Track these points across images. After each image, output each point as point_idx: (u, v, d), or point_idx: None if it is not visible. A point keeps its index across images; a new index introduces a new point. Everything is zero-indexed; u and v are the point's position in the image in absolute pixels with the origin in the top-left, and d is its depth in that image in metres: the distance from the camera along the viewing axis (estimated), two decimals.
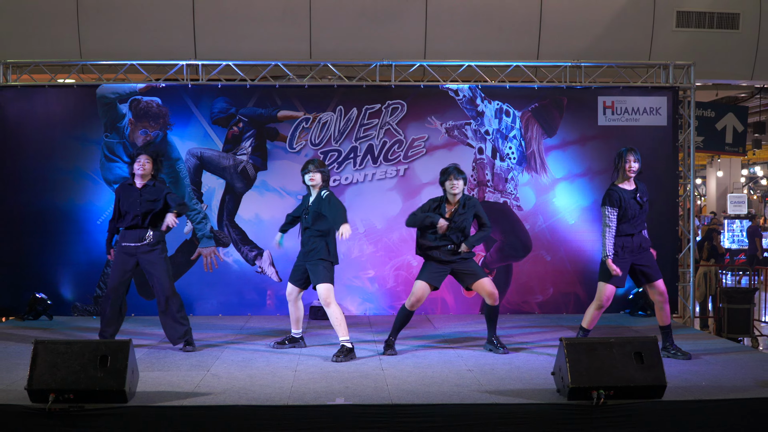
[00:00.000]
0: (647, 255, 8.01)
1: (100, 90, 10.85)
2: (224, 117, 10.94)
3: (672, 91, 11.15)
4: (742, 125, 14.00)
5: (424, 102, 11.05)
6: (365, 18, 11.75)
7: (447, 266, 8.20)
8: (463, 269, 8.21)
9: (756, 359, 8.12)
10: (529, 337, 9.27)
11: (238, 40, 11.64)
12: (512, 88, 11.11)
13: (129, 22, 11.54)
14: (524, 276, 11.12)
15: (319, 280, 8.05)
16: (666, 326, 8.05)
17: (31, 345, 6.24)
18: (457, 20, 11.81)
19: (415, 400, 6.36)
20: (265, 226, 10.92)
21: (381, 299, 11.06)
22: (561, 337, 6.46)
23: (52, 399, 6.00)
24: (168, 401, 6.31)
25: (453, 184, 8.09)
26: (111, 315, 8.42)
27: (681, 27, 12.14)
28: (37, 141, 10.80)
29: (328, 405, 6.26)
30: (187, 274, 10.91)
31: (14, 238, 10.74)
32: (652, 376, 6.28)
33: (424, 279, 8.18)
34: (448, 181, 8.12)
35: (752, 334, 11.65)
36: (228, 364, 7.77)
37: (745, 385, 6.86)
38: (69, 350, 6.20)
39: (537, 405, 6.27)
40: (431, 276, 8.19)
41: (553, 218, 11.16)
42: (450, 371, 7.45)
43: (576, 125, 11.15)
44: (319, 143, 10.97)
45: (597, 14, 11.97)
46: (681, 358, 7.85)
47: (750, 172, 31.82)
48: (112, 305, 8.38)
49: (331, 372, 7.41)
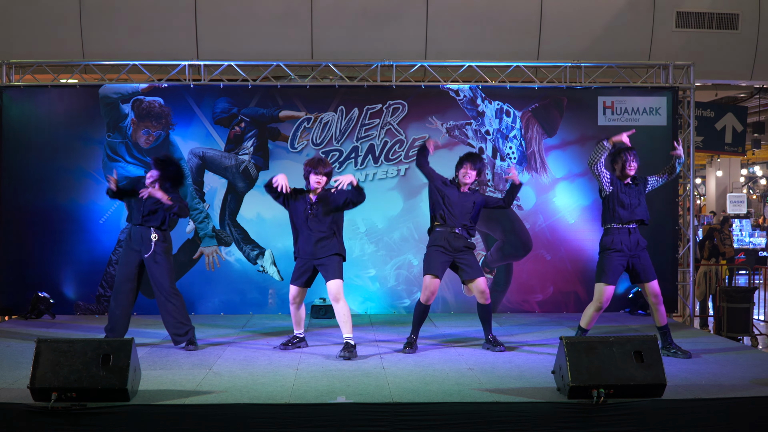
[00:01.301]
0: (644, 254, 8.00)
1: (103, 90, 10.85)
2: (226, 117, 10.94)
3: (672, 91, 11.14)
4: (742, 125, 13.98)
5: (425, 102, 11.05)
6: (366, 19, 11.75)
7: (451, 256, 8.23)
8: (464, 261, 8.24)
9: (755, 358, 8.12)
10: (529, 335, 9.27)
11: (239, 40, 11.64)
12: (512, 89, 11.10)
13: (131, 23, 11.54)
14: (524, 275, 11.12)
15: (334, 275, 8.06)
16: (663, 326, 8.05)
17: (33, 344, 6.24)
18: (457, 21, 11.81)
19: (416, 398, 6.35)
20: (267, 225, 10.92)
21: (382, 298, 11.05)
22: (561, 336, 6.46)
23: (55, 397, 5.99)
24: (170, 400, 6.31)
25: (466, 173, 8.22)
26: (119, 314, 8.39)
27: (681, 27, 12.12)
28: (40, 140, 10.80)
29: (329, 403, 6.25)
30: (189, 273, 10.91)
31: (17, 237, 10.74)
32: (651, 375, 6.27)
33: (432, 272, 8.22)
34: (462, 168, 8.25)
35: (752, 333, 11.64)
36: (230, 362, 7.76)
37: (745, 384, 6.85)
38: (71, 349, 6.20)
39: (537, 403, 6.26)
40: (436, 267, 8.24)
41: (553, 218, 11.15)
42: (451, 370, 7.44)
43: (576, 125, 11.14)
44: (321, 143, 10.96)
45: (597, 15, 11.96)
46: (681, 357, 7.85)
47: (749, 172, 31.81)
48: (118, 302, 8.36)
49: (333, 371, 7.40)
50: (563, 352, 6.33)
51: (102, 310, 10.76)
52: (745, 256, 20.53)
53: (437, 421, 6.11)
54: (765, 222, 26.28)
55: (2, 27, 11.45)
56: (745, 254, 20.75)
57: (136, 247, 8.29)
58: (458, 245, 8.20)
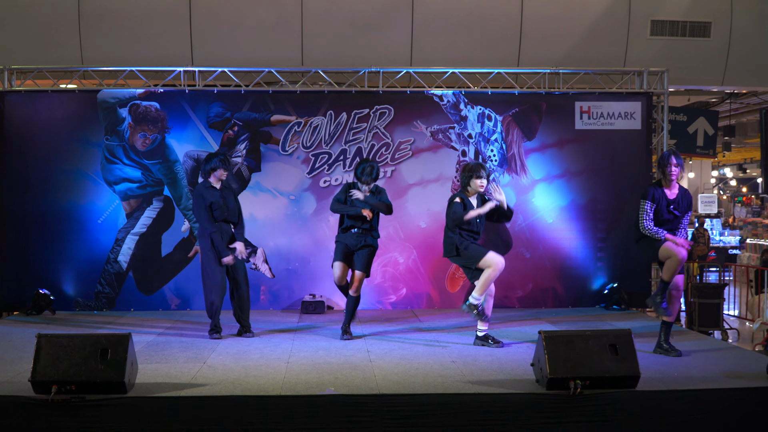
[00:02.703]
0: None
1: (101, 95, 10.83)
2: (220, 121, 10.94)
3: (646, 96, 11.20)
4: (713, 129, 14.06)
5: (411, 107, 11.07)
6: (354, 27, 11.75)
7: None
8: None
9: (725, 351, 8.17)
10: (509, 330, 9.30)
11: (233, 47, 11.62)
12: (494, 94, 11.14)
13: (129, 31, 11.50)
14: (505, 272, 10.94)
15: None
16: (668, 323, 7.86)
17: (34, 339, 6.24)
18: (441, 29, 11.82)
19: (402, 390, 6.39)
20: (259, 225, 10.92)
21: (369, 294, 11.05)
22: (540, 330, 6.50)
23: (55, 390, 6.00)
24: (166, 392, 6.32)
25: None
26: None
27: (655, 35, 12.16)
28: (40, 143, 10.77)
29: (318, 395, 6.28)
30: (185, 270, 10.90)
31: (19, 236, 10.71)
32: (626, 367, 6.32)
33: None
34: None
35: (722, 328, 11.70)
36: (223, 356, 7.77)
37: (715, 376, 6.91)
38: (71, 343, 6.21)
39: (517, 394, 6.30)
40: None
41: (532, 217, 11.19)
42: (435, 362, 7.47)
43: (554, 129, 11.18)
44: (311, 146, 10.97)
45: (574, 23, 12.00)
46: (672, 356, 7.71)
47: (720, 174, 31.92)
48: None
49: (322, 364, 7.42)
50: (542, 346, 6.37)
51: (100, 307, 10.75)
52: (716, 254, 20.64)
53: (422, 412, 6.15)
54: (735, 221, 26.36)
55: (4, 34, 11.40)
56: (715, 252, 20.85)
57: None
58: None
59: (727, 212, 28.52)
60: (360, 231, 8.60)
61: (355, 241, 8.59)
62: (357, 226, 8.59)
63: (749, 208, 26.88)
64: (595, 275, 11.10)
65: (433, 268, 11.07)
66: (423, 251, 11.05)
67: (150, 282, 10.89)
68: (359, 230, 8.59)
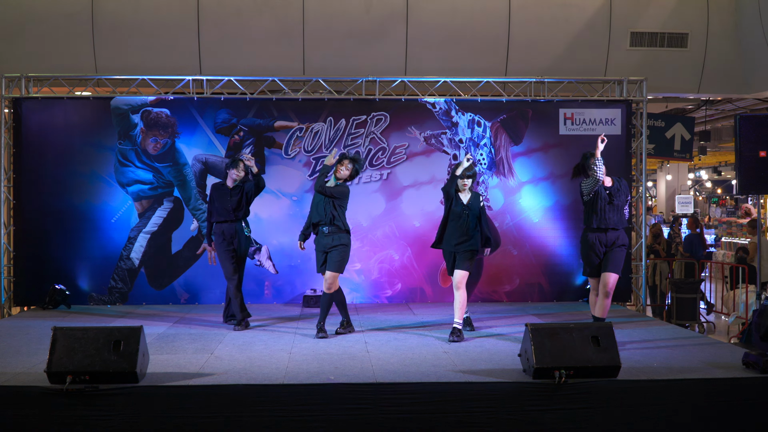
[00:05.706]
0: (619, 251, 7.89)
1: (115, 102, 10.80)
2: (226, 126, 10.91)
3: (626, 103, 11.20)
4: (689, 134, 14.03)
5: (405, 114, 11.06)
6: (353, 39, 11.74)
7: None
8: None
9: (701, 343, 8.17)
10: (498, 323, 9.30)
11: (239, 57, 11.60)
12: (483, 101, 11.13)
13: (140, 41, 11.48)
14: (493, 268, 11.14)
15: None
16: (599, 318, 7.82)
17: (50, 331, 6.23)
18: (434, 41, 11.81)
19: (397, 378, 6.38)
20: (264, 224, 10.89)
21: (366, 289, 11.05)
22: (526, 323, 6.49)
23: (70, 380, 5.99)
24: (175, 381, 6.31)
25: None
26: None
27: (634, 46, 12.15)
28: (56, 148, 10.74)
29: (319, 383, 6.27)
30: (193, 266, 10.88)
31: (36, 235, 10.67)
32: (608, 358, 6.31)
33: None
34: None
35: (698, 321, 11.71)
36: (230, 347, 7.76)
37: (692, 366, 6.91)
38: (85, 336, 6.19)
39: (506, 383, 6.30)
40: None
41: (519, 217, 11.18)
42: (428, 353, 7.46)
43: (540, 134, 11.18)
44: (312, 150, 10.95)
45: (559, 35, 11.99)
46: None
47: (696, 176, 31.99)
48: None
49: (323, 354, 7.41)
50: (528, 337, 6.36)
51: (113, 301, 10.72)
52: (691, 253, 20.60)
53: (415, 399, 6.15)
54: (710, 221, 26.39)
55: (22, 44, 11.36)
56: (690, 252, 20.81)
57: None
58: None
59: (703, 212, 28.55)
60: (329, 230, 8.33)
61: (327, 241, 8.34)
62: (325, 224, 8.36)
63: (724, 208, 26.92)
64: (578, 271, 11.08)
65: (426, 264, 11.06)
66: (417, 249, 11.03)
67: (161, 278, 10.86)
68: (330, 228, 8.33)
